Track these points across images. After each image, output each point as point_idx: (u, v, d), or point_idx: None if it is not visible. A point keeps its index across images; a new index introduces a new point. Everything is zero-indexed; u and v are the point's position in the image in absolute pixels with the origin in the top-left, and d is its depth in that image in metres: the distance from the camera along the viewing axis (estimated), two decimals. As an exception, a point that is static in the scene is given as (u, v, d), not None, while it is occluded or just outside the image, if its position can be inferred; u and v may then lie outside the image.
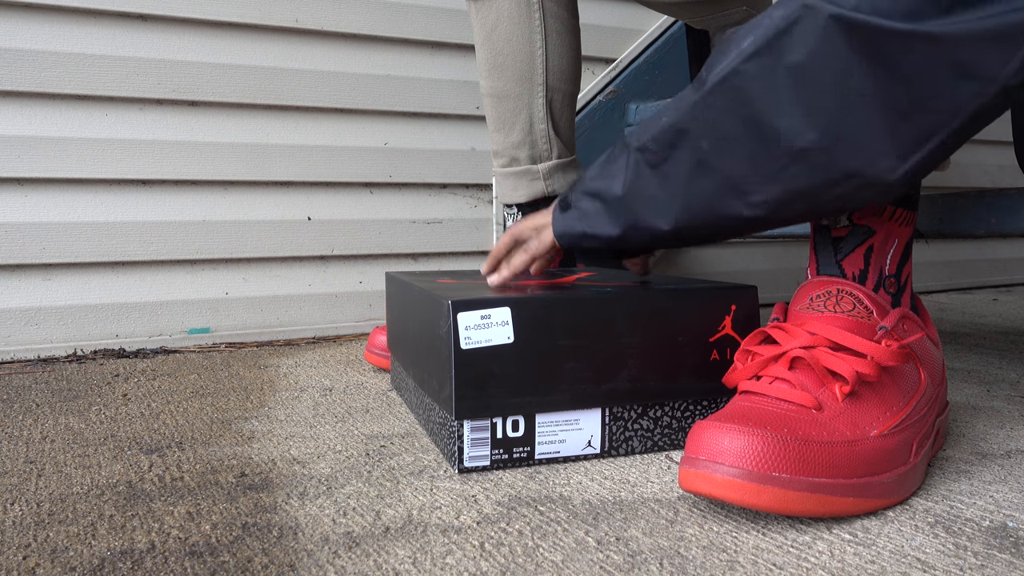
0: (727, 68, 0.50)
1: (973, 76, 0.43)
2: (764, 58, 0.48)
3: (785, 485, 0.46)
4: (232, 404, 0.80)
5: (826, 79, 0.46)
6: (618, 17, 1.47)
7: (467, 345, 0.57)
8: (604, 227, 0.60)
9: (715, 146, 0.52)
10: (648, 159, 0.56)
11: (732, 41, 0.50)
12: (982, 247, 2.02)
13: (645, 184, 0.56)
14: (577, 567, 0.43)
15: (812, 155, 0.48)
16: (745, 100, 0.49)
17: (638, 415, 0.62)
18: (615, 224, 0.59)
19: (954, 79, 0.43)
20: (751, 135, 0.50)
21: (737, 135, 0.50)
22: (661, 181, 0.55)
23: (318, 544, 0.46)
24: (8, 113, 1.05)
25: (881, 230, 0.58)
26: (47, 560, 0.44)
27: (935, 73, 0.44)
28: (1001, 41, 0.42)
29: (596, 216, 0.60)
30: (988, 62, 0.42)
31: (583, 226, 0.61)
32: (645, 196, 0.57)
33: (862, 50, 0.45)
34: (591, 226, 0.61)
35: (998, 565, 0.43)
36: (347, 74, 1.25)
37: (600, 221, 0.60)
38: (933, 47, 0.43)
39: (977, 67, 0.43)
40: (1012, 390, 0.85)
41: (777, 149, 0.49)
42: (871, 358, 0.52)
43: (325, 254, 1.26)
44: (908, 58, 0.44)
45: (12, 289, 1.07)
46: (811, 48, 0.46)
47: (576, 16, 0.92)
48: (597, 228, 0.61)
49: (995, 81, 0.43)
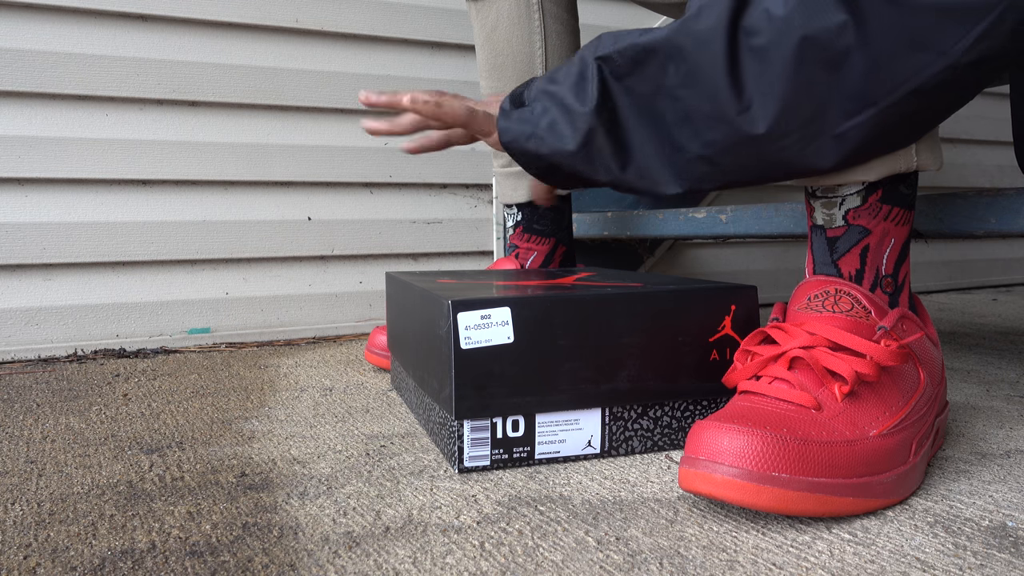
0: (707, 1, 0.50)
1: (926, 48, 0.43)
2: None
3: (785, 485, 0.46)
4: (232, 404, 0.80)
5: (794, 25, 0.47)
6: (618, 17, 1.47)
7: (467, 345, 0.57)
8: (559, 139, 0.56)
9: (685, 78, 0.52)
10: (612, 70, 0.54)
11: None
12: (982, 247, 2.02)
13: (614, 101, 0.54)
14: (577, 567, 0.43)
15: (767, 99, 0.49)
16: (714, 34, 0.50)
17: (638, 415, 0.62)
18: (573, 137, 0.55)
19: (908, 48, 0.44)
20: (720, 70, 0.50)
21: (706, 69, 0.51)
22: (628, 103, 0.54)
23: (318, 544, 0.46)
24: (8, 113, 1.05)
25: (877, 230, 0.57)
26: (48, 560, 0.44)
27: (893, 38, 0.44)
28: (958, 16, 0.42)
29: (551, 121, 0.56)
30: (943, 36, 0.43)
31: (533, 128, 0.57)
32: (612, 114, 0.54)
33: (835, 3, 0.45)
34: (546, 131, 0.56)
35: (997, 565, 0.43)
36: (347, 74, 1.25)
37: (557, 129, 0.56)
38: (897, 11, 0.44)
39: (931, 39, 0.43)
40: (1011, 390, 0.85)
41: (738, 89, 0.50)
42: (870, 358, 0.52)
43: (325, 254, 1.26)
44: (872, 19, 0.44)
45: (12, 289, 1.07)
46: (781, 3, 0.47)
47: (576, 17, 0.92)
48: (552, 137, 0.56)
49: (946, 55, 0.43)
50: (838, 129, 0.49)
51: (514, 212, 0.95)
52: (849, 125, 0.49)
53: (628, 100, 0.54)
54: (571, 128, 0.56)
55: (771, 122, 0.50)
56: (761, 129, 0.50)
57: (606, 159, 0.56)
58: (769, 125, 0.50)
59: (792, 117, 0.49)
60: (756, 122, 0.50)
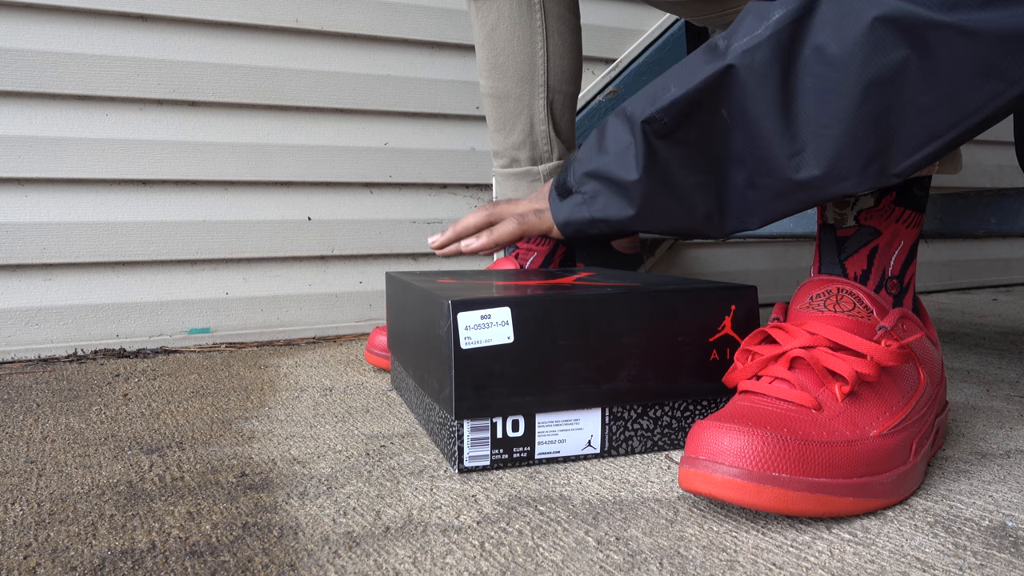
0: (752, 40, 0.47)
1: (998, 76, 0.42)
2: (789, 34, 0.46)
3: (785, 485, 0.46)
4: (232, 404, 0.80)
5: (852, 65, 0.45)
6: (618, 17, 1.47)
7: (467, 345, 0.57)
8: (618, 210, 0.56)
9: (735, 119, 0.49)
10: (657, 130, 0.52)
11: (754, 11, 0.48)
12: (982, 247, 2.02)
13: (662, 159, 0.53)
14: (577, 567, 0.43)
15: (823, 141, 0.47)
16: (765, 75, 0.47)
17: (638, 415, 0.62)
18: (630, 205, 0.55)
19: (979, 77, 0.42)
20: (771, 113, 0.48)
21: (757, 112, 0.48)
22: (679, 154, 0.52)
23: (318, 544, 0.46)
24: (8, 113, 1.05)
25: (887, 231, 0.57)
26: (47, 560, 0.44)
27: (963, 69, 0.42)
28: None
29: (606, 199, 0.56)
30: (1016, 63, 0.41)
31: (590, 212, 0.57)
32: (664, 172, 0.53)
33: (896, 39, 0.43)
34: (602, 211, 0.56)
35: (997, 565, 0.43)
36: (347, 74, 1.25)
37: (613, 204, 0.56)
38: (968, 41, 0.41)
39: (1004, 68, 0.41)
40: (1011, 390, 0.85)
41: (792, 132, 0.48)
42: (871, 358, 0.52)
43: (325, 254, 1.26)
44: (941, 51, 0.42)
45: (12, 289, 1.07)
46: (838, 31, 0.45)
47: (577, 16, 0.91)
48: (610, 212, 0.56)
49: (1017, 84, 0.41)
50: (899, 167, 0.47)
51: (514, 212, 0.94)
52: (910, 162, 0.46)
53: (680, 151, 0.53)
54: (627, 199, 0.55)
55: (827, 166, 0.48)
56: (816, 171, 0.48)
57: (671, 210, 0.55)
58: (825, 168, 0.48)
59: (851, 160, 0.47)
60: (810, 165, 0.48)
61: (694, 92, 0.50)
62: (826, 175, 0.48)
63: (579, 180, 0.57)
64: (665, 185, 0.54)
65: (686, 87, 0.50)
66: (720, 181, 0.53)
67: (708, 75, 0.49)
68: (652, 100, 0.52)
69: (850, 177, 0.48)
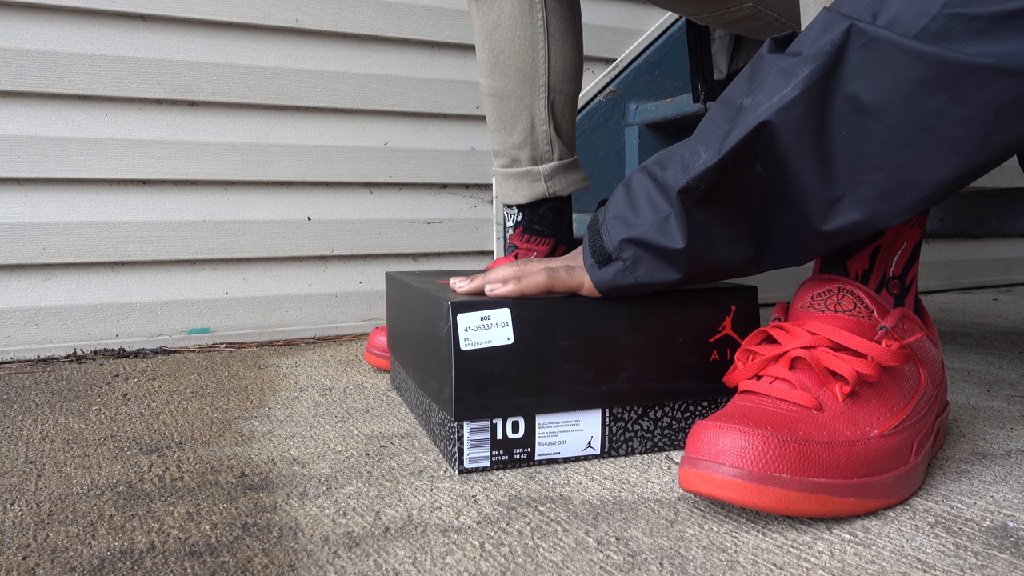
0: (784, 99, 0.47)
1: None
2: (821, 88, 0.47)
3: (785, 485, 0.46)
4: (232, 404, 0.80)
5: (889, 112, 0.45)
6: (618, 17, 1.47)
7: (467, 346, 0.56)
8: (663, 275, 0.56)
9: (770, 171, 0.50)
10: (695, 199, 0.53)
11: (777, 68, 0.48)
12: (982, 247, 2.02)
13: (702, 223, 0.53)
14: (577, 567, 0.43)
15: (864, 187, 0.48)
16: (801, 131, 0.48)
17: (638, 416, 0.62)
18: (676, 270, 0.56)
19: (1014, 116, 0.42)
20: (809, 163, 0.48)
21: (795, 163, 0.49)
22: (717, 212, 0.53)
23: (318, 544, 0.46)
24: (8, 113, 1.05)
25: (891, 232, 0.57)
26: (47, 560, 0.44)
27: (1004, 107, 0.43)
28: None
29: (650, 265, 0.56)
30: None
31: (635, 278, 0.57)
32: (705, 234, 0.54)
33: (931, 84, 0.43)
34: (647, 276, 0.57)
35: (998, 565, 0.43)
36: (347, 74, 1.25)
37: (658, 270, 0.56)
38: (1008, 80, 0.42)
39: None
40: (1012, 390, 0.85)
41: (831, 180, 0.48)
42: (871, 358, 0.52)
43: (325, 254, 1.26)
44: (978, 92, 0.43)
45: (12, 289, 1.07)
46: (871, 80, 0.45)
47: (578, 15, 0.91)
48: (655, 277, 0.57)
49: None
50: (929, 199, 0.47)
51: (514, 212, 0.94)
52: (943, 193, 0.47)
53: (717, 209, 0.53)
54: (672, 265, 0.55)
55: (871, 210, 0.48)
56: (859, 216, 0.49)
57: (713, 264, 0.56)
58: (869, 213, 0.48)
59: (893, 204, 0.48)
60: (850, 210, 0.49)
61: (728, 155, 0.50)
62: (868, 220, 0.49)
63: (618, 247, 0.57)
64: (707, 244, 0.54)
65: (719, 151, 0.50)
66: (759, 228, 0.54)
67: (743, 136, 0.49)
68: (684, 167, 0.52)
69: (892, 220, 0.48)
